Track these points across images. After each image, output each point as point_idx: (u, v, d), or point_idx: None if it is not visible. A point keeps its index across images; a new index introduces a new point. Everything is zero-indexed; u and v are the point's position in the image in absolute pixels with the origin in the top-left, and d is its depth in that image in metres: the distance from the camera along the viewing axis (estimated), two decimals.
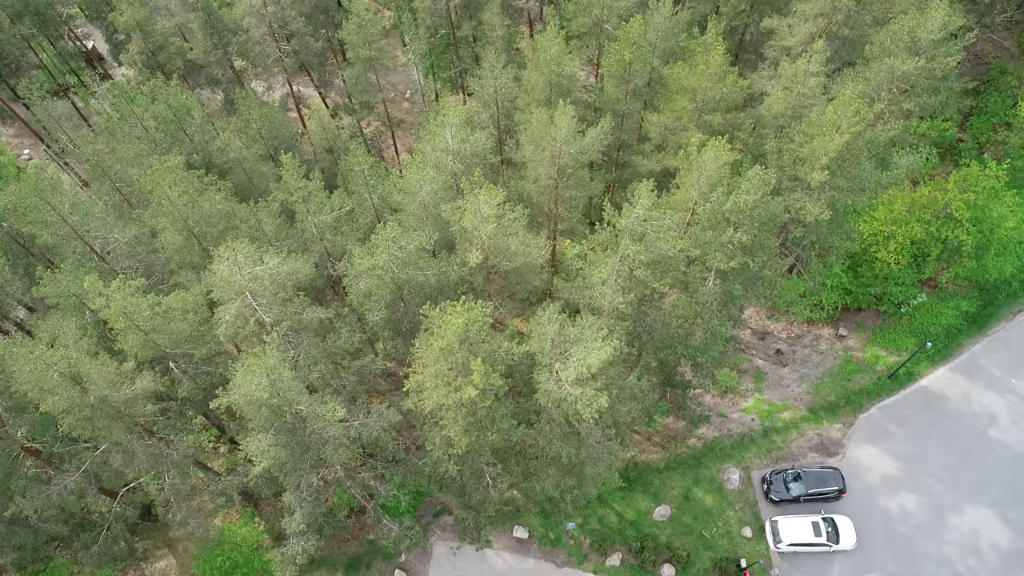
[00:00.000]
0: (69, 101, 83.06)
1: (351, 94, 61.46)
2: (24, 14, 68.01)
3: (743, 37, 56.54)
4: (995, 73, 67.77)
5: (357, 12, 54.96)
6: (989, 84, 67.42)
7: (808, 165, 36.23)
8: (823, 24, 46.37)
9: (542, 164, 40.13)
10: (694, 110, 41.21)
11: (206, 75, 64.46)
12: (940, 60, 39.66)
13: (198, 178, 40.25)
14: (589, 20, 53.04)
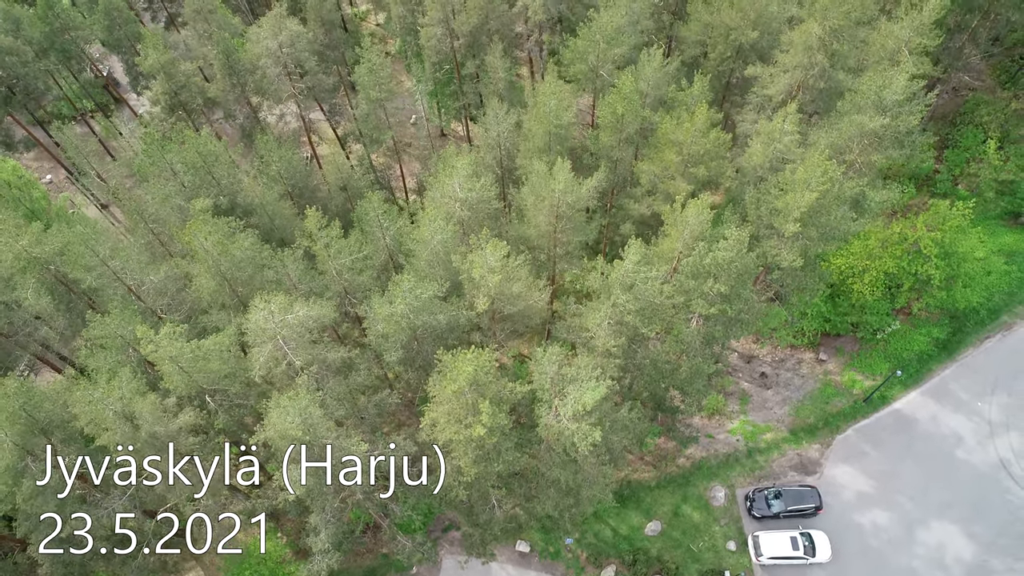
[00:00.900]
0: (87, 126, 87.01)
1: (361, 130, 65.26)
2: (50, 50, 71.78)
3: (729, 80, 60.37)
4: (971, 105, 71.70)
5: (368, 56, 58.74)
6: (965, 116, 71.37)
7: (783, 216, 40.10)
8: (801, 76, 50.26)
9: (542, 212, 43.98)
10: (680, 162, 45.08)
11: (224, 110, 68.23)
12: (904, 118, 43.52)
13: (227, 223, 44.01)
14: (585, 66, 56.89)
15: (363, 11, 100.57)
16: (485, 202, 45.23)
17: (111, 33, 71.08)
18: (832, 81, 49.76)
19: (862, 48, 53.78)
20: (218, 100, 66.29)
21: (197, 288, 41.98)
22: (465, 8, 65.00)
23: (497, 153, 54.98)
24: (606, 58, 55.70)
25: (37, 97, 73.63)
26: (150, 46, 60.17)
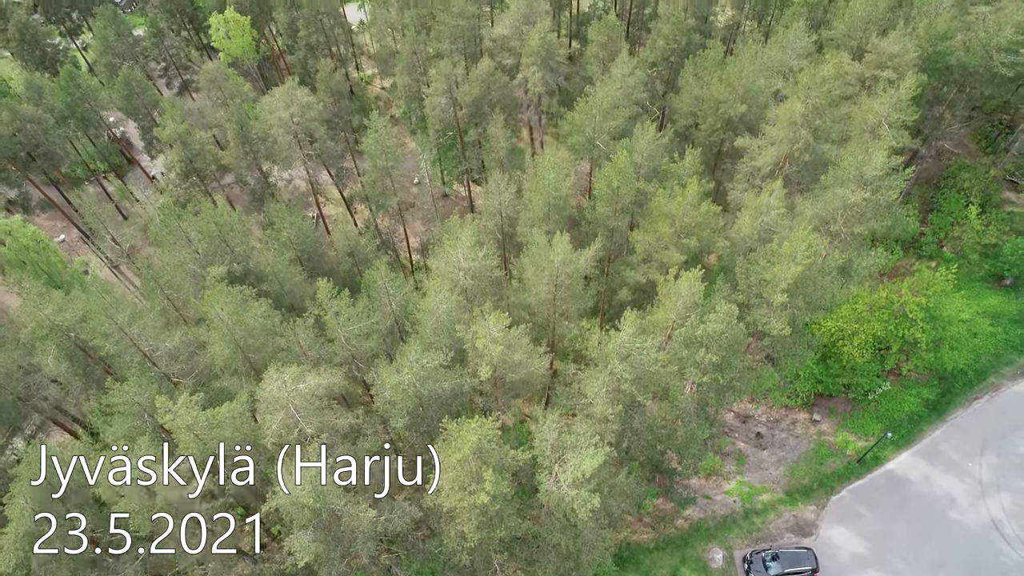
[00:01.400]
0: (100, 186, 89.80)
1: (368, 195, 67.86)
2: (70, 118, 74.97)
3: (720, 149, 63.23)
4: (953, 170, 74.59)
5: (375, 127, 61.61)
6: (948, 181, 74.18)
7: (771, 287, 42.13)
8: (787, 149, 52.98)
9: (541, 281, 46.05)
10: (673, 233, 47.35)
11: (236, 175, 70.97)
12: (884, 192, 45.95)
13: (240, 292, 46.01)
14: (583, 138, 59.76)
15: (369, 75, 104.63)
16: (487, 270, 47.31)
17: (129, 101, 74.29)
18: (816, 154, 52.45)
19: (844, 122, 56.79)
20: (231, 166, 69.06)
21: (211, 354, 43.71)
22: (468, 80, 68.43)
23: (498, 220, 57.39)
24: (602, 130, 58.65)
25: (55, 161, 76.54)
26: (169, 117, 63.14)
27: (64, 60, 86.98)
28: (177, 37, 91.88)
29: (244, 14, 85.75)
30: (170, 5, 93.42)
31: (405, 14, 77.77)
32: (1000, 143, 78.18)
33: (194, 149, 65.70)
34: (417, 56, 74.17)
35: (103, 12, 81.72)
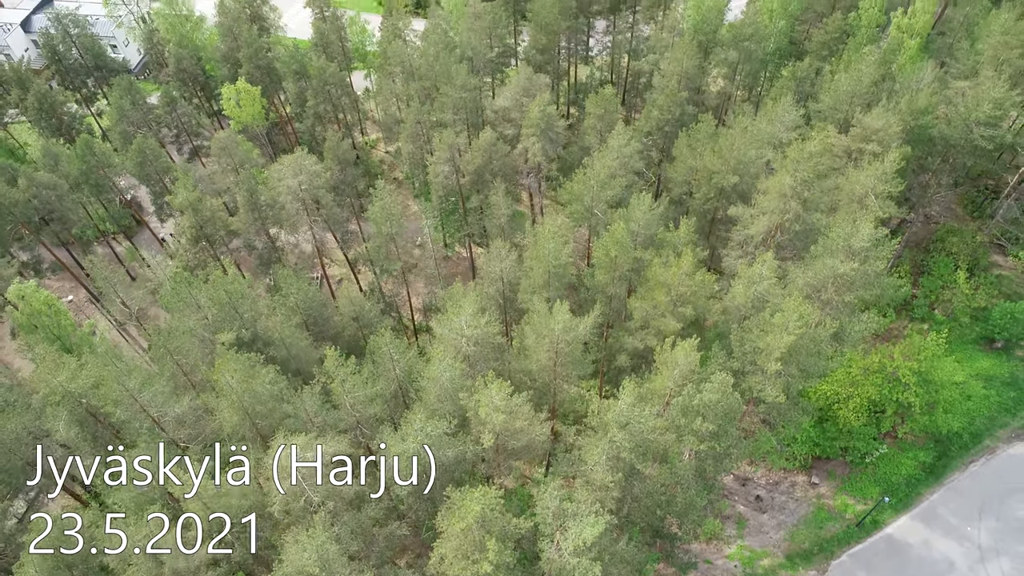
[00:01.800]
0: (108, 247, 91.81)
1: (373, 260, 69.73)
2: (84, 184, 77.43)
3: (714, 216, 65.38)
4: (942, 234, 76.68)
5: (381, 196, 63.83)
6: (937, 244, 76.19)
7: (765, 355, 43.46)
8: (777, 219, 55.00)
9: (542, 348, 47.40)
10: (669, 301, 48.94)
11: (244, 240, 72.99)
12: (872, 263, 47.71)
13: (249, 358, 47.26)
14: (581, 206, 61.94)
15: (373, 140, 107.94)
16: (490, 337, 48.69)
17: (142, 168, 76.86)
18: (806, 224, 54.46)
19: (833, 193, 59.04)
20: (239, 231, 71.11)
21: (219, 421, 44.69)
22: (470, 149, 71.11)
23: (500, 286, 59.06)
24: (600, 199, 60.87)
25: (68, 225, 78.71)
26: (181, 186, 65.45)
27: (80, 127, 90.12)
28: (189, 104, 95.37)
29: (254, 84, 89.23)
30: (183, 75, 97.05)
31: (410, 85, 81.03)
32: (986, 208, 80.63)
33: (205, 216, 67.82)
34: (421, 125, 77.16)
35: (120, 82, 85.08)
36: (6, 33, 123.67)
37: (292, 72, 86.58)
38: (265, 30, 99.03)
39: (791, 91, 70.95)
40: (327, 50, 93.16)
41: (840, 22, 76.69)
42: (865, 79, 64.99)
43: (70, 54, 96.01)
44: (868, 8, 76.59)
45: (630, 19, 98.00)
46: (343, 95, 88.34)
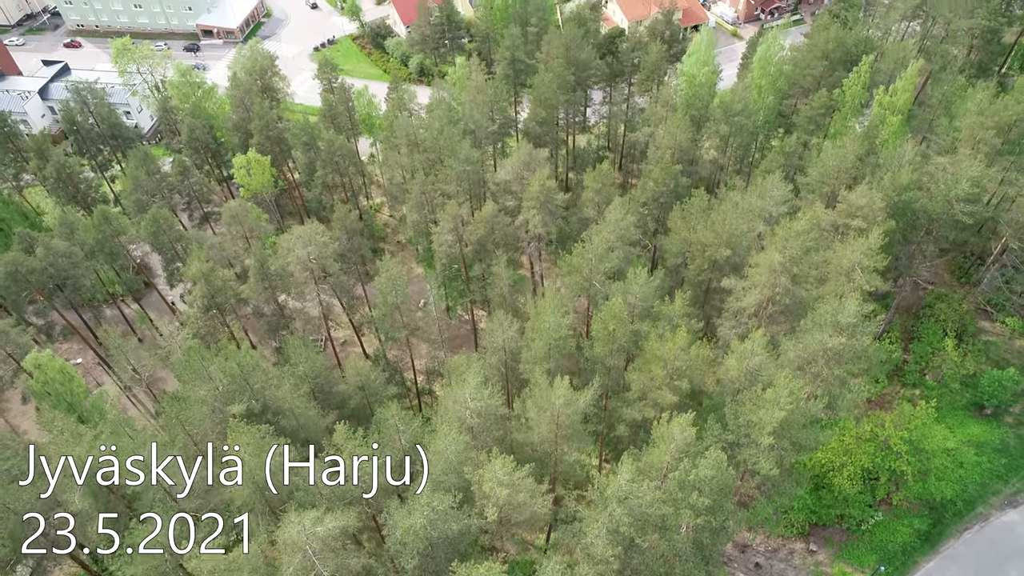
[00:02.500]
0: (117, 308, 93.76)
1: (378, 327, 71.80)
2: (99, 252, 79.95)
3: (709, 287, 67.74)
4: (931, 299, 79.07)
5: (387, 268, 66.27)
6: (926, 310, 78.47)
7: (758, 429, 45.15)
8: (768, 292, 57.32)
9: (543, 422, 49.09)
10: (666, 375, 50.84)
11: (253, 307, 75.14)
12: (859, 338, 49.79)
13: (259, 430, 48.79)
14: (580, 278, 64.32)
15: (378, 203, 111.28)
16: (493, 409, 50.42)
17: (156, 238, 79.53)
18: (796, 298, 56.76)
19: (822, 265, 61.54)
20: (249, 299, 73.31)
21: (232, 494, 46.00)
22: (473, 220, 73.96)
23: (502, 355, 60.98)
24: (598, 270, 63.27)
25: (81, 292, 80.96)
26: (195, 257, 67.92)
27: (95, 195, 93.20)
28: (200, 171, 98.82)
29: (265, 153, 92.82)
30: (196, 143, 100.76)
31: (415, 157, 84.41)
32: (973, 274, 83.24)
33: (216, 285, 70.07)
34: (425, 196, 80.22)
35: (135, 153, 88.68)
36: (25, 100, 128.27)
37: (302, 143, 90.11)
38: (275, 100, 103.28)
39: (780, 166, 74.24)
40: (335, 121, 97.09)
41: (825, 98, 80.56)
42: (850, 156, 68.21)
43: (87, 123, 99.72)
44: (852, 85, 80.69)
45: (625, 91, 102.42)
46: (350, 164, 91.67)
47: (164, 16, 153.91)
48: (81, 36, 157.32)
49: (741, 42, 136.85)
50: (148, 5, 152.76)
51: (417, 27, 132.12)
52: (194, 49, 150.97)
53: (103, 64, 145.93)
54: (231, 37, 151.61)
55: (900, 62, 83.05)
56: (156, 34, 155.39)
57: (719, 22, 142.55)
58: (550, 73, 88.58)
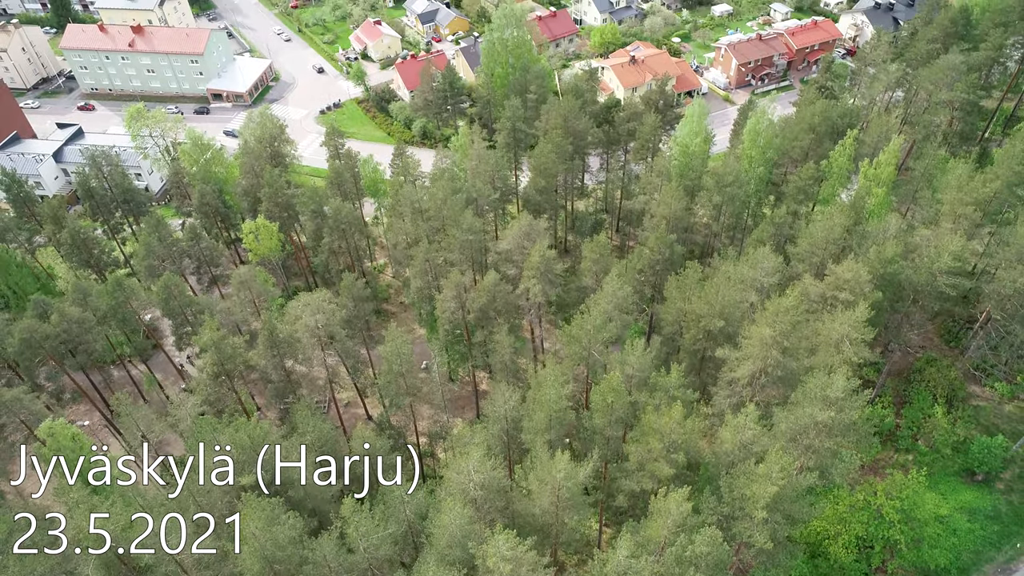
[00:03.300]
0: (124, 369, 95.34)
1: (382, 393, 73.64)
2: (111, 318, 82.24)
3: (704, 355, 69.90)
4: (921, 364, 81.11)
5: (392, 338, 68.46)
6: (916, 375, 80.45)
7: (751, 503, 46.78)
8: (760, 364, 59.48)
9: (544, 494, 50.69)
10: (662, 448, 52.64)
11: (261, 373, 77.07)
12: (848, 412, 51.80)
13: (269, 504, 50.32)
14: (579, 347, 66.48)
15: (381, 264, 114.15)
16: (495, 481, 52.04)
17: (167, 304, 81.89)
18: (787, 370, 58.91)
19: (812, 336, 63.86)
20: (257, 366, 75.34)
21: (242, 567, 47.30)
22: (475, 288, 76.53)
23: (504, 424, 62.74)
24: (596, 340, 65.46)
25: (93, 356, 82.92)
26: (207, 327, 70.17)
27: (108, 260, 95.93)
28: (209, 234, 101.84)
29: (273, 219, 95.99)
30: (206, 207, 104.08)
31: (419, 226, 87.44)
32: (962, 338, 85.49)
33: (226, 353, 72.19)
34: (429, 263, 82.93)
35: (149, 220, 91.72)
36: (39, 163, 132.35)
37: (310, 211, 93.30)
38: (284, 166, 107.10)
39: (771, 236, 77.22)
40: (341, 187, 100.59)
41: (813, 170, 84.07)
42: (837, 228, 71.18)
43: (102, 188, 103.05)
44: (838, 157, 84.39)
45: (622, 158, 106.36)
46: (356, 231, 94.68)
47: (176, 80, 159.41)
48: (95, 99, 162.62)
49: (733, 107, 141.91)
50: (160, 70, 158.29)
51: (420, 92, 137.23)
52: (204, 112, 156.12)
53: (116, 126, 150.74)
54: (240, 100, 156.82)
55: (883, 135, 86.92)
56: (167, 97, 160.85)
57: (712, 88, 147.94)
58: (549, 144, 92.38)
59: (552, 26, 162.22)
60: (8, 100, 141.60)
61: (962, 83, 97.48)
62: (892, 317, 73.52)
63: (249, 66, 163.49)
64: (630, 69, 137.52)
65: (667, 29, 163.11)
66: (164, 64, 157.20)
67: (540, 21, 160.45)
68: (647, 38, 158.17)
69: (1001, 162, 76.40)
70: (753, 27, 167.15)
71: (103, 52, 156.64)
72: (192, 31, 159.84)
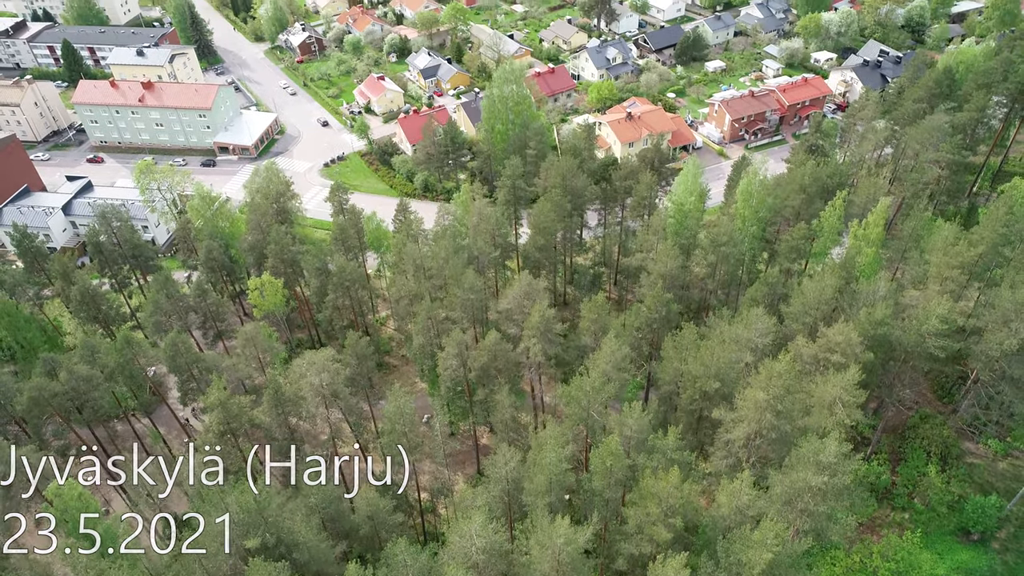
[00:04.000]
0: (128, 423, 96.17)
1: (385, 452, 74.61)
2: (118, 376, 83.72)
3: (701, 414, 71.33)
4: (916, 420, 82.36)
5: (395, 398, 69.93)
6: (911, 431, 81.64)
7: (748, 568, 47.82)
8: (755, 427, 60.93)
9: (545, 559, 51.66)
10: (660, 512, 53.80)
11: (266, 431, 78.26)
12: (840, 476, 53.13)
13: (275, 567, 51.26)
14: (578, 408, 67.97)
15: (383, 317, 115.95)
16: (498, 545, 53.07)
17: (175, 361, 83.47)
18: (781, 432, 60.34)
19: (806, 397, 65.43)
20: (262, 424, 76.61)
21: None
22: (476, 347, 78.25)
23: (505, 485, 63.81)
24: (595, 401, 66.96)
25: (99, 413, 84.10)
26: (214, 387, 71.64)
27: (115, 316, 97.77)
28: (215, 289, 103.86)
29: (278, 275, 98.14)
30: (212, 263, 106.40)
31: (422, 284, 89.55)
32: (955, 393, 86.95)
33: (232, 412, 73.50)
34: (431, 321, 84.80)
35: (157, 277, 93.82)
36: (48, 215, 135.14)
37: (315, 270, 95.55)
38: (289, 221, 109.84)
39: (764, 295, 79.27)
40: (345, 243, 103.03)
41: (804, 230, 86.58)
42: (828, 290, 73.26)
43: (111, 244, 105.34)
44: (828, 217, 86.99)
45: (619, 215, 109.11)
46: (360, 288, 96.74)
47: (184, 134, 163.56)
48: (104, 151, 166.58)
49: (728, 161, 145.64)
50: (169, 124, 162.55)
51: (422, 147, 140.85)
52: (211, 164, 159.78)
53: (124, 178, 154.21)
54: (246, 153, 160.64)
55: (872, 196, 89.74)
56: (175, 150, 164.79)
57: (706, 142, 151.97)
58: (548, 203, 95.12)
59: (551, 82, 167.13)
60: (20, 155, 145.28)
61: (948, 144, 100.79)
62: (884, 376, 75.13)
63: (255, 120, 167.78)
64: (627, 125, 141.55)
65: (662, 84, 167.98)
66: (173, 118, 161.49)
67: (539, 77, 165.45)
68: (643, 94, 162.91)
69: (986, 224, 78.91)
70: (746, 83, 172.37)
71: (114, 107, 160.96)
72: (201, 87, 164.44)
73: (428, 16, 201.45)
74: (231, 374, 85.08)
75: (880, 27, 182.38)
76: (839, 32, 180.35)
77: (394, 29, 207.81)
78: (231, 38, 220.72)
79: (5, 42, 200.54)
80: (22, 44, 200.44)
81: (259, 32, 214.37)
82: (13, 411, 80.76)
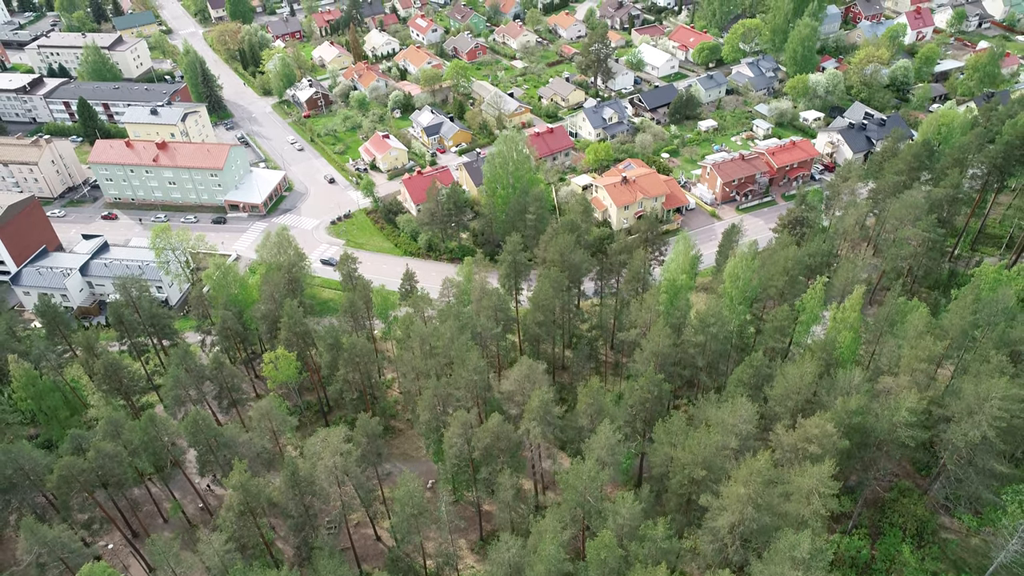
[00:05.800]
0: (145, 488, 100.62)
1: (395, 534, 79.63)
2: (141, 452, 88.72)
3: (690, 498, 76.41)
4: (894, 495, 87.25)
5: (404, 484, 75.00)
6: (889, 505, 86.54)
7: None
8: (738, 516, 66.06)
9: None
10: None
11: (282, 510, 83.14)
12: (814, 571, 58.21)
13: None
14: (575, 494, 73.10)
15: (389, 380, 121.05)
16: None
17: (195, 436, 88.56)
18: (762, 523, 65.49)
19: (786, 484, 70.60)
20: (278, 503, 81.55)
21: None
22: (480, 427, 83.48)
23: (507, 570, 68.81)
24: (592, 488, 72.10)
25: (123, 488, 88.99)
26: (236, 470, 76.71)
27: (136, 387, 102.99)
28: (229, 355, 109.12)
29: (291, 347, 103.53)
30: (227, 331, 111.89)
31: (428, 362, 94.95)
32: (932, 467, 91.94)
33: (252, 492, 78.54)
34: (437, 398, 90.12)
35: (176, 352, 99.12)
36: (66, 276, 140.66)
37: (327, 345, 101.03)
38: (301, 289, 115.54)
39: (750, 378, 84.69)
40: (355, 316, 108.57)
41: (787, 313, 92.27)
42: (807, 377, 78.73)
43: (131, 315, 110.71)
44: (809, 300, 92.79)
45: (615, 286, 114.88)
46: (370, 363, 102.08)
47: (195, 192, 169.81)
48: (118, 208, 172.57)
49: (720, 222, 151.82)
50: (181, 183, 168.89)
51: (426, 208, 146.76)
52: (221, 222, 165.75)
53: (138, 236, 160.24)
54: (256, 211, 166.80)
55: (851, 279, 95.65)
56: (186, 207, 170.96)
57: (699, 203, 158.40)
58: (547, 280, 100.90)
59: (549, 141, 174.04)
60: (39, 215, 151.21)
61: (923, 222, 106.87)
62: (860, 461, 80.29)
63: (264, 177, 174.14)
64: (622, 189, 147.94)
65: (657, 144, 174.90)
66: (185, 177, 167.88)
67: (538, 137, 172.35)
68: (638, 154, 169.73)
69: (954, 311, 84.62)
70: (737, 141, 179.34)
71: (129, 166, 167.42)
72: (212, 147, 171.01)
73: (431, 73, 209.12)
74: (247, 448, 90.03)
75: (866, 87, 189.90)
76: (827, 92, 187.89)
77: (398, 85, 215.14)
78: (240, 92, 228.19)
79: (23, 98, 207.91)
80: (39, 100, 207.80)
81: (267, 86, 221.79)
82: (43, 486, 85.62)
